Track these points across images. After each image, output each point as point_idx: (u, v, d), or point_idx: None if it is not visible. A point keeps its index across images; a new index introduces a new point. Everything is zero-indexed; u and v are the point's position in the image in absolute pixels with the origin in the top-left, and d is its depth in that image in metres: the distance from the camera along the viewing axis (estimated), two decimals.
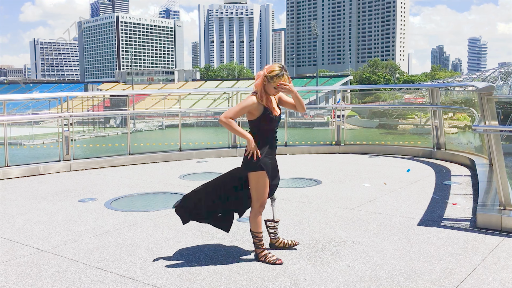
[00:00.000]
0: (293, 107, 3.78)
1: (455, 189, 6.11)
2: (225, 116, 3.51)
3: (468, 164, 7.72)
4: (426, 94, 9.76)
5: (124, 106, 13.65)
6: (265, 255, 3.64)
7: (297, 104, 3.74)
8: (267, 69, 3.61)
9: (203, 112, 56.08)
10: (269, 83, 3.58)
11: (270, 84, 3.57)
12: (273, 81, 3.56)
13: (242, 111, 3.57)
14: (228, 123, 3.51)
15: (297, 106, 3.75)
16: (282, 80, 3.56)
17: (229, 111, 3.56)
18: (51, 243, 4.19)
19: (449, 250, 3.83)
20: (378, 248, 3.91)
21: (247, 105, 3.56)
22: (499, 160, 4.41)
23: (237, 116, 3.58)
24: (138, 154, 9.16)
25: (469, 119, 10.47)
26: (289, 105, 3.81)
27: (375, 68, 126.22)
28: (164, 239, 4.24)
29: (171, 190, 6.38)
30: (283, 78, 3.57)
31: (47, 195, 6.19)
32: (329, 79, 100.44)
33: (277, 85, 3.55)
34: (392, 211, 5.07)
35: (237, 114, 3.57)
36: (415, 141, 11.66)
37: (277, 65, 3.63)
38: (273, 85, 3.56)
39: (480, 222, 4.39)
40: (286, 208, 5.15)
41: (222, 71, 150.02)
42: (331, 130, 10.32)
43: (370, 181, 6.74)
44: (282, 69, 3.59)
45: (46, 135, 35.69)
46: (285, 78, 3.58)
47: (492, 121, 4.55)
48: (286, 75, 3.59)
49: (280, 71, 3.57)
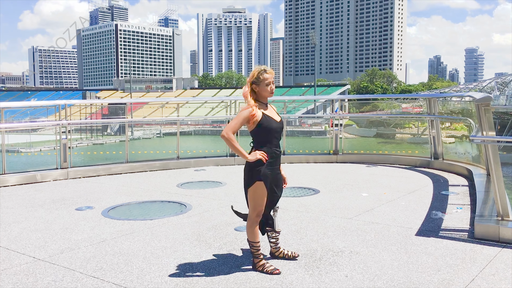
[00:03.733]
0: None
1: (453, 199, 6.11)
2: (226, 132, 3.48)
3: (465, 174, 7.73)
4: (424, 103, 9.80)
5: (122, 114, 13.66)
6: (262, 265, 3.62)
7: None
8: (248, 79, 3.64)
9: (201, 120, 56.14)
10: (260, 86, 3.58)
11: (261, 86, 3.58)
12: (260, 80, 3.57)
13: (241, 122, 3.55)
14: (229, 139, 3.47)
15: None
16: (267, 73, 3.57)
17: (229, 126, 3.52)
18: (48, 251, 4.17)
19: (447, 260, 3.82)
20: (376, 258, 3.90)
21: (245, 115, 3.55)
22: (497, 170, 4.42)
23: (237, 129, 3.55)
24: (136, 162, 9.15)
25: (466, 129, 10.52)
26: None
27: (372, 78, 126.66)
28: (161, 248, 4.22)
29: (169, 199, 6.36)
30: (267, 71, 3.58)
31: (44, 203, 6.16)
32: (327, 88, 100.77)
33: (268, 81, 3.57)
34: (390, 221, 5.06)
35: (236, 128, 3.53)
36: (412, 151, 11.68)
37: (257, 68, 3.64)
38: (265, 83, 3.57)
39: (478, 232, 4.39)
40: (284, 218, 5.14)
41: (220, 79, 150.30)
42: (329, 139, 10.36)
43: (368, 190, 6.74)
44: (263, 70, 3.60)
45: (43, 143, 35.60)
46: (269, 71, 3.59)
47: (489, 132, 4.56)
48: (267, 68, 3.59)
49: (258, 68, 3.60)
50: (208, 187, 7.21)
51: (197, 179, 8.02)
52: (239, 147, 3.52)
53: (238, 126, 3.54)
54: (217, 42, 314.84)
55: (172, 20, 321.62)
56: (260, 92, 3.60)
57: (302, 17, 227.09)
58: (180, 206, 5.91)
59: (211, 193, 6.71)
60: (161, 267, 3.73)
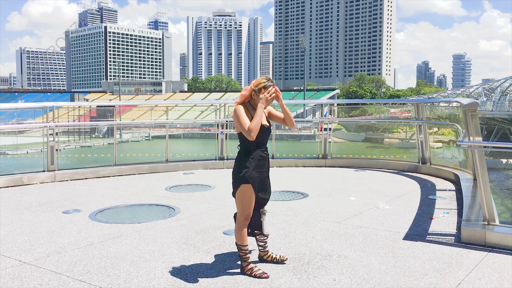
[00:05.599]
0: (282, 121, 3.79)
1: (440, 204, 6.17)
2: (247, 130, 3.47)
3: (452, 179, 7.80)
4: (412, 108, 9.88)
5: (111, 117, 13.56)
6: (251, 269, 3.62)
7: (286, 117, 3.75)
8: (254, 83, 3.64)
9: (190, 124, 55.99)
10: (257, 97, 3.60)
11: (259, 97, 3.59)
12: (261, 93, 3.58)
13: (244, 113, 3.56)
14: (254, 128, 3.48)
15: (285, 119, 3.75)
16: (267, 91, 3.59)
17: (243, 126, 3.50)
18: (34, 255, 4.12)
19: (434, 264, 3.85)
20: (364, 262, 3.91)
21: (241, 111, 3.56)
22: (483, 175, 4.47)
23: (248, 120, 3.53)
24: (124, 165, 9.09)
25: (453, 134, 10.61)
26: (278, 119, 3.81)
27: (361, 82, 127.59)
28: (149, 251, 4.20)
29: (157, 202, 6.33)
30: (269, 89, 3.60)
31: (30, 206, 6.10)
32: (316, 92, 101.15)
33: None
34: (378, 225, 5.09)
35: (247, 121, 3.52)
36: (400, 155, 11.75)
37: (264, 78, 3.67)
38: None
39: (464, 237, 4.43)
40: (272, 221, 5.15)
41: (210, 82, 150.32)
42: (318, 143, 10.38)
43: (356, 194, 6.77)
44: (268, 80, 3.65)
45: (30, 145, 35.22)
46: (272, 90, 3.60)
47: (476, 137, 4.61)
48: (273, 86, 3.62)
49: (267, 83, 3.62)
50: (196, 191, 7.19)
51: (186, 182, 8.00)
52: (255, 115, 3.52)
53: (246, 118, 3.54)
54: (207, 45, 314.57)
55: (162, 22, 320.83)
56: (257, 101, 3.62)
57: (292, 21, 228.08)
58: (169, 210, 5.89)
59: (199, 197, 6.69)
60: (149, 271, 3.71)
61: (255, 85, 3.62)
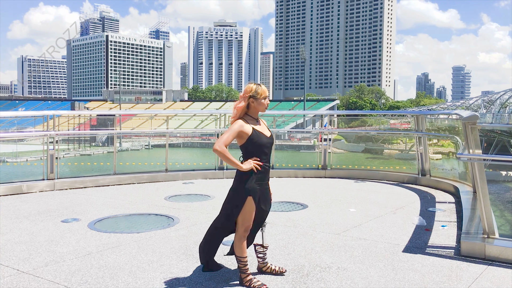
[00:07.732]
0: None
1: (440, 216, 6.15)
2: (219, 145, 3.47)
3: (452, 191, 7.79)
4: (412, 120, 9.90)
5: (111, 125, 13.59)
6: (250, 280, 3.60)
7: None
8: (246, 91, 3.66)
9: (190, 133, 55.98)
10: (257, 101, 3.62)
11: (259, 100, 3.63)
12: (259, 94, 3.62)
13: (233, 136, 3.56)
14: (222, 152, 3.47)
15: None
16: (262, 89, 3.65)
17: (221, 139, 3.52)
18: (32, 264, 4.10)
19: (433, 277, 3.83)
20: (363, 274, 3.90)
21: (236, 128, 3.57)
22: (483, 188, 4.46)
23: (229, 142, 3.56)
24: (124, 174, 9.08)
25: (453, 146, 10.62)
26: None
27: (361, 93, 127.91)
28: (148, 262, 4.19)
29: (156, 212, 6.31)
30: (261, 88, 3.67)
31: (29, 214, 6.08)
32: (316, 103, 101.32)
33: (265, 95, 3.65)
34: (378, 237, 5.08)
35: (228, 140, 3.54)
36: (400, 166, 11.76)
37: (251, 84, 3.72)
38: (262, 97, 3.64)
39: (464, 250, 4.42)
40: (272, 232, 5.13)
41: (210, 92, 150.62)
42: (317, 153, 10.38)
43: (356, 206, 6.76)
44: (255, 84, 3.69)
45: (30, 153, 35.21)
46: (263, 88, 3.68)
47: (476, 150, 4.61)
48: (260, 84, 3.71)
49: (254, 84, 3.69)
50: (196, 201, 7.18)
51: (185, 192, 7.99)
52: (233, 158, 3.53)
53: (230, 139, 3.55)
54: (207, 55, 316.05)
55: (163, 32, 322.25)
56: (257, 107, 3.66)
57: (292, 32, 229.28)
58: (168, 219, 5.87)
59: (199, 207, 6.68)
60: (147, 281, 3.69)
61: (247, 94, 3.65)
